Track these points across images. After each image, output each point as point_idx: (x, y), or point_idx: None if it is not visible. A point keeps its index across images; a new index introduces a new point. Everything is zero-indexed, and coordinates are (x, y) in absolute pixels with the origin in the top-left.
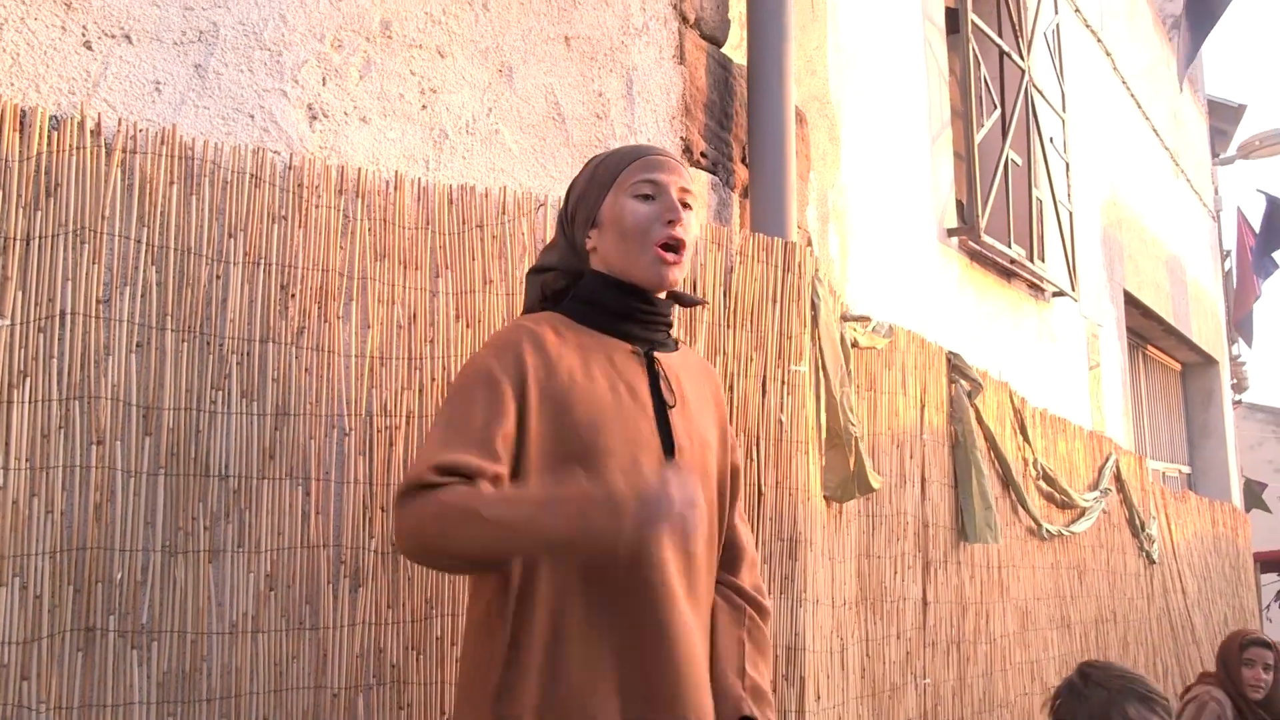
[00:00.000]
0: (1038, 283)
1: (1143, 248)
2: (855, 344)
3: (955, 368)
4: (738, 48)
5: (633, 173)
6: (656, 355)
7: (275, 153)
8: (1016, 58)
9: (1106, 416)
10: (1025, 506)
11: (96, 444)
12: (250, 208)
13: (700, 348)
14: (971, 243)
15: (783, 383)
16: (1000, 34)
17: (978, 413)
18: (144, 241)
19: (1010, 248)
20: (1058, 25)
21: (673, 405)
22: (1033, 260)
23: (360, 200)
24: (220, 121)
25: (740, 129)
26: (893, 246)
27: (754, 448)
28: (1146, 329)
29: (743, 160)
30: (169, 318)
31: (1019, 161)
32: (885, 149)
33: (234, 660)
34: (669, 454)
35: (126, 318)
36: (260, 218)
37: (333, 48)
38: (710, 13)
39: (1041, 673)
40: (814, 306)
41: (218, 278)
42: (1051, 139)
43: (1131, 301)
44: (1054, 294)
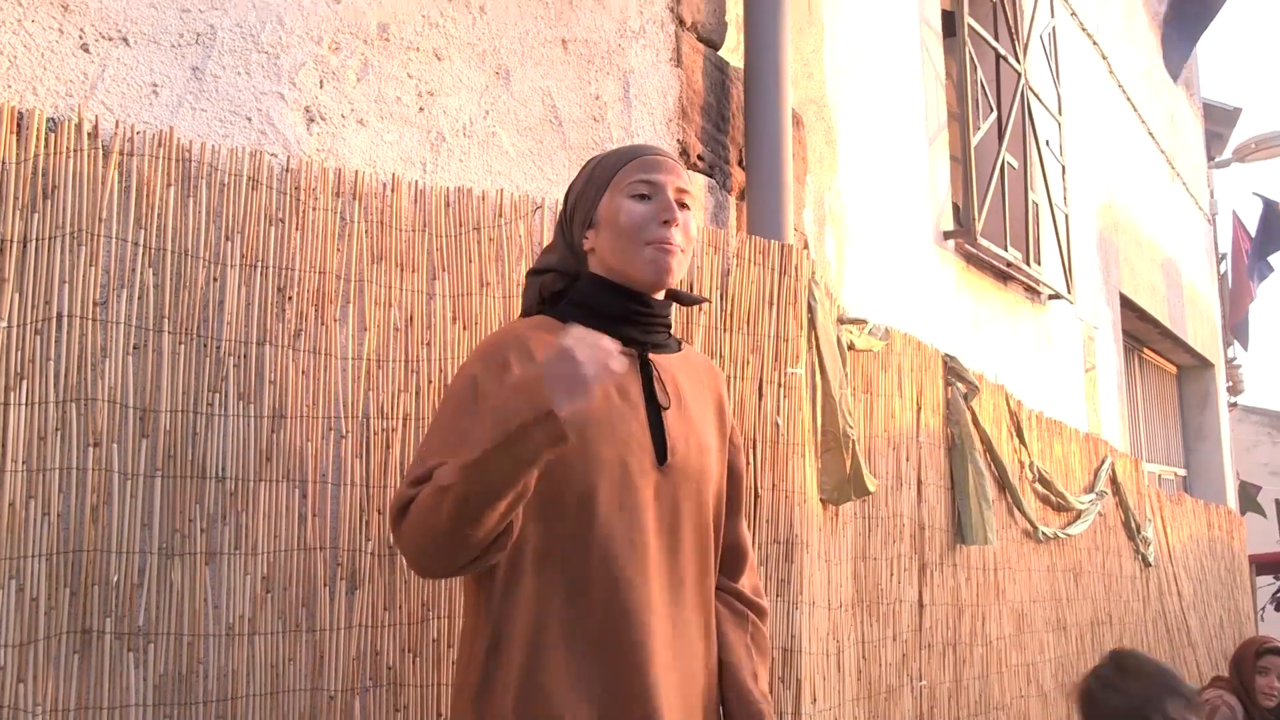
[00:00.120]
0: (1034, 285)
1: (1139, 251)
2: (852, 346)
3: (951, 370)
4: (734, 51)
5: (629, 173)
6: (652, 356)
7: (272, 155)
8: (1013, 61)
9: (1102, 419)
10: (1021, 509)
11: (93, 446)
12: (247, 210)
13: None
14: (968, 245)
15: (779, 385)
16: (996, 37)
17: (974, 415)
18: (141, 244)
19: (1006, 250)
20: (1054, 28)
21: (666, 407)
22: (1029, 263)
23: (357, 203)
24: (217, 124)
25: (737, 132)
26: (889, 249)
27: (750, 450)
28: (1142, 332)
29: (739, 163)
30: (166, 320)
31: (1015, 164)
32: (882, 152)
33: (231, 663)
34: (661, 457)
35: (123, 320)
36: (257, 220)
37: (330, 50)
38: (707, 16)
39: (1037, 675)
40: (811, 309)
41: (215, 280)
42: (1048, 142)
43: (1127, 304)
44: (1050, 297)
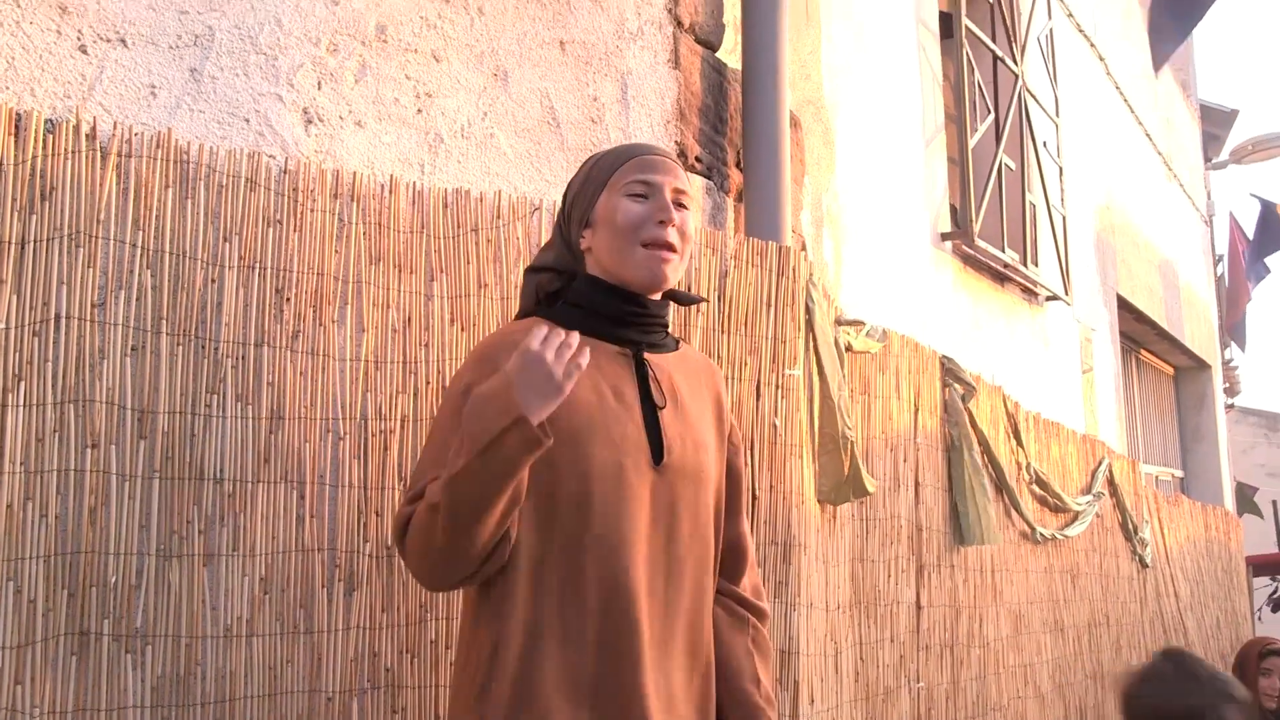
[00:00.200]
0: (1031, 287)
1: (1136, 252)
2: (849, 348)
3: (949, 372)
4: (732, 52)
5: (626, 172)
6: (648, 356)
7: (270, 156)
8: (1010, 62)
9: (1100, 420)
10: (1019, 510)
11: (91, 448)
12: (245, 211)
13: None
14: (965, 247)
15: (777, 387)
16: (994, 39)
17: (971, 417)
18: (139, 245)
19: (1004, 252)
20: (1051, 30)
21: (662, 406)
22: (1026, 264)
23: (355, 204)
24: (215, 125)
25: (735, 133)
26: (887, 250)
27: (748, 452)
28: (1139, 333)
29: (737, 165)
30: (164, 321)
31: (1013, 166)
32: (879, 153)
33: (228, 664)
34: (657, 457)
35: (121, 321)
36: (255, 221)
37: (328, 52)
38: (705, 17)
39: (1034, 676)
40: (808, 311)
41: (213, 281)
42: (1045, 143)
43: (1125, 306)
44: (1047, 298)
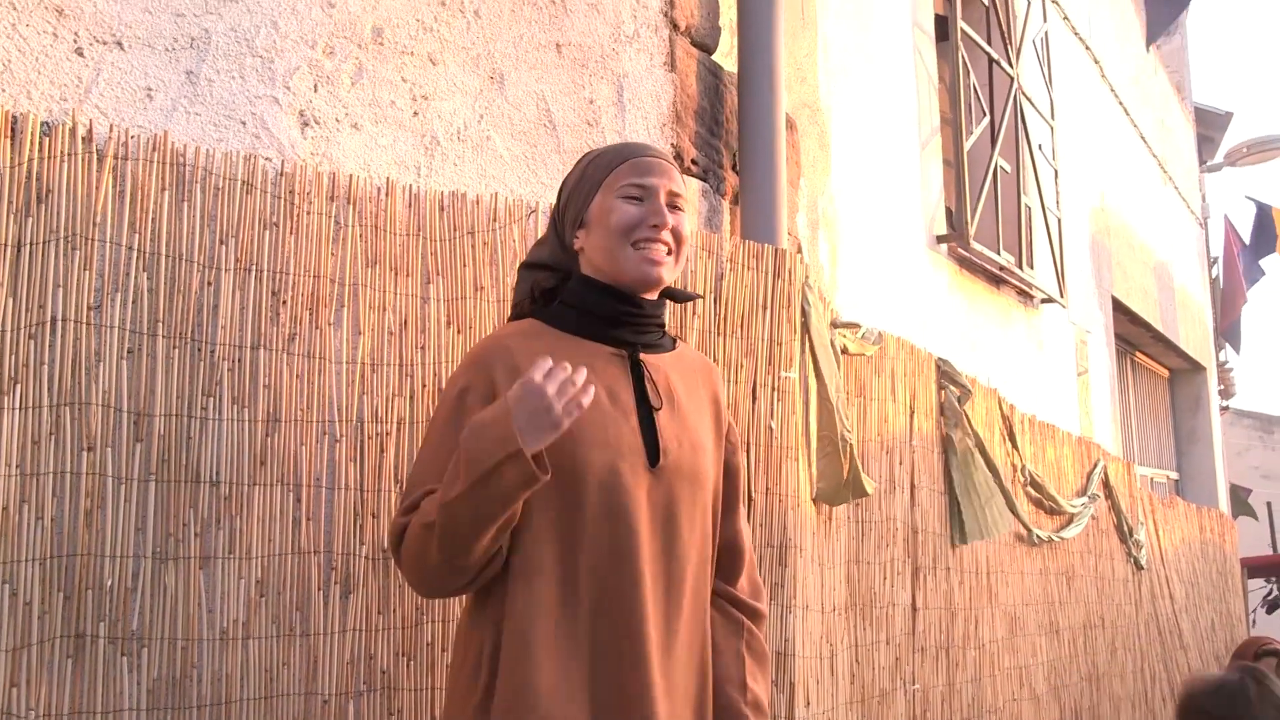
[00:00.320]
0: (1026, 289)
1: (1131, 254)
2: (845, 350)
3: (944, 374)
4: (728, 55)
5: (621, 174)
6: (643, 357)
7: (267, 159)
8: (1005, 65)
9: (1095, 422)
10: (1015, 512)
11: (87, 450)
12: (242, 214)
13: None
14: (961, 249)
15: (773, 389)
16: (989, 42)
17: (967, 419)
18: (135, 248)
19: (999, 254)
20: (1046, 33)
21: (658, 408)
22: (1021, 267)
23: (351, 207)
24: (212, 128)
25: (731, 136)
26: (882, 253)
27: (744, 454)
28: (1134, 335)
29: (733, 167)
30: (160, 324)
31: (1008, 168)
32: (875, 156)
33: (224, 667)
34: (653, 459)
35: (118, 324)
36: (252, 224)
37: (324, 54)
38: (701, 20)
39: (1030, 678)
40: (804, 313)
41: (209, 284)
42: (1040, 146)
43: (1120, 308)
44: (1043, 301)
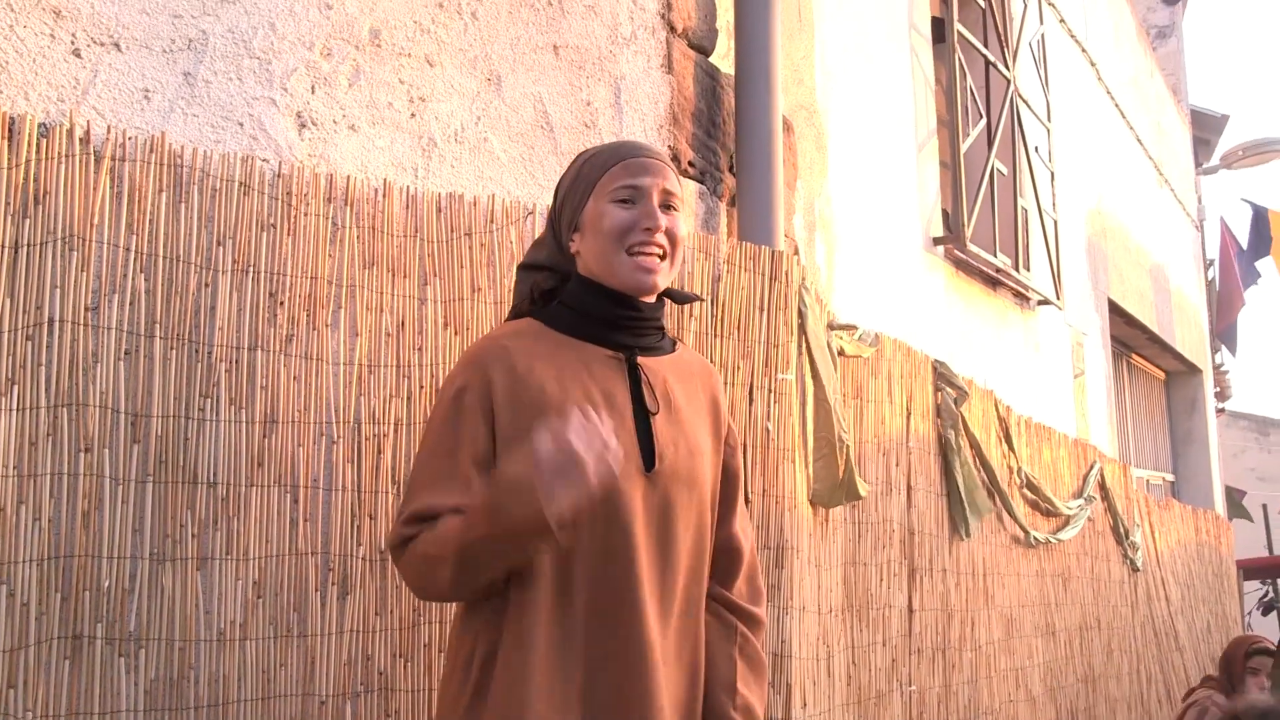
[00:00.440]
0: (1023, 291)
1: (1127, 256)
2: (841, 352)
3: (941, 376)
4: (725, 57)
5: (614, 177)
6: (641, 360)
7: (264, 160)
8: (1002, 68)
9: (1091, 424)
10: (1012, 514)
11: (84, 451)
12: (239, 215)
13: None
14: (957, 251)
15: (770, 391)
16: (986, 44)
17: (963, 420)
18: (133, 249)
19: (996, 256)
20: (1043, 35)
21: (654, 412)
22: (1018, 269)
23: (349, 208)
24: (209, 129)
25: (728, 138)
26: (879, 255)
27: (741, 456)
28: (1131, 337)
29: (730, 169)
30: (157, 325)
31: (1004, 171)
32: (872, 158)
33: (222, 668)
34: (648, 463)
35: (115, 325)
36: (249, 225)
37: (322, 56)
38: (698, 22)
39: (1026, 680)
40: (801, 315)
41: (206, 285)
42: (1037, 148)
43: (1116, 310)
44: (1039, 303)
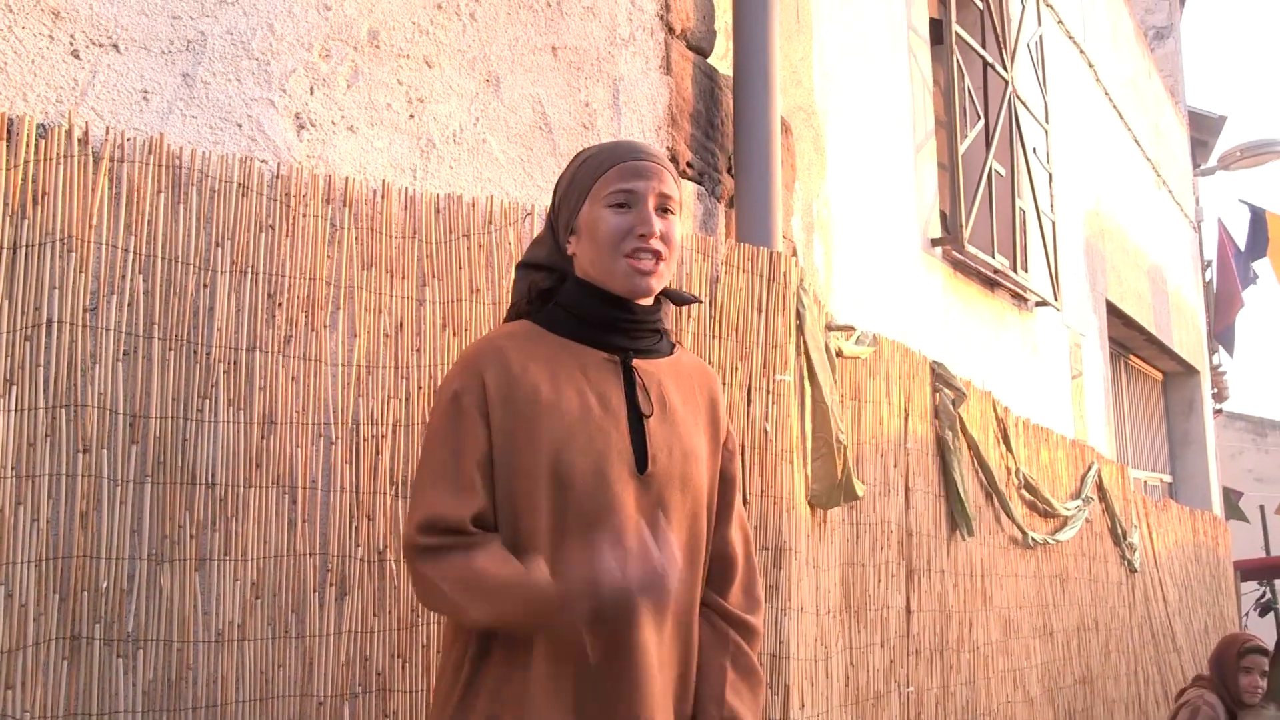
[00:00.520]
0: (1021, 292)
1: (1125, 258)
2: (839, 353)
3: (939, 377)
4: (724, 58)
5: (609, 180)
6: (637, 363)
7: (263, 162)
8: (1000, 69)
9: (1089, 425)
10: (1010, 514)
11: (83, 452)
12: (238, 216)
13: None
14: (955, 252)
15: (768, 392)
16: (984, 45)
17: (961, 421)
18: (131, 250)
19: (994, 258)
20: (1041, 37)
21: (649, 415)
22: (1016, 270)
23: (347, 209)
24: (208, 130)
25: (726, 139)
26: (877, 256)
27: (739, 457)
28: (1128, 339)
29: (728, 170)
30: (156, 326)
31: (1002, 172)
32: (870, 159)
33: (220, 669)
34: (641, 466)
35: (113, 326)
36: (248, 226)
37: (320, 57)
38: (696, 24)
39: (1024, 681)
40: (799, 316)
41: (205, 286)
42: (1035, 149)
43: (1113, 311)
44: (1037, 304)
